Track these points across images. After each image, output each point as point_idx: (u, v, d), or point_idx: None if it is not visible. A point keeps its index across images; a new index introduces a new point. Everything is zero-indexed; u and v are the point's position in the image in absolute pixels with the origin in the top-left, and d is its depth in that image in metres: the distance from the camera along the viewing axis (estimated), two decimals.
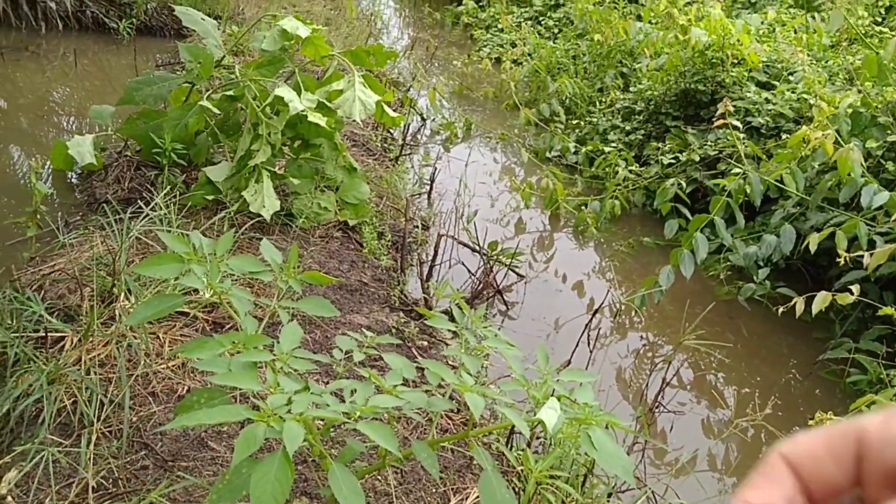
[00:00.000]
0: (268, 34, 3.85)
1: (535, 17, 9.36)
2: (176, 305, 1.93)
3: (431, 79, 7.75)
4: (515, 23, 9.04)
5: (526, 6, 9.68)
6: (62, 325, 2.74)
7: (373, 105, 3.87)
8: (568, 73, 7.20)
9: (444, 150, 6.27)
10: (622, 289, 4.55)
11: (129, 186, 3.96)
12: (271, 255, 2.05)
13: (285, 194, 3.93)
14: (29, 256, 3.40)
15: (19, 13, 7.26)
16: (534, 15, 9.40)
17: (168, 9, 7.57)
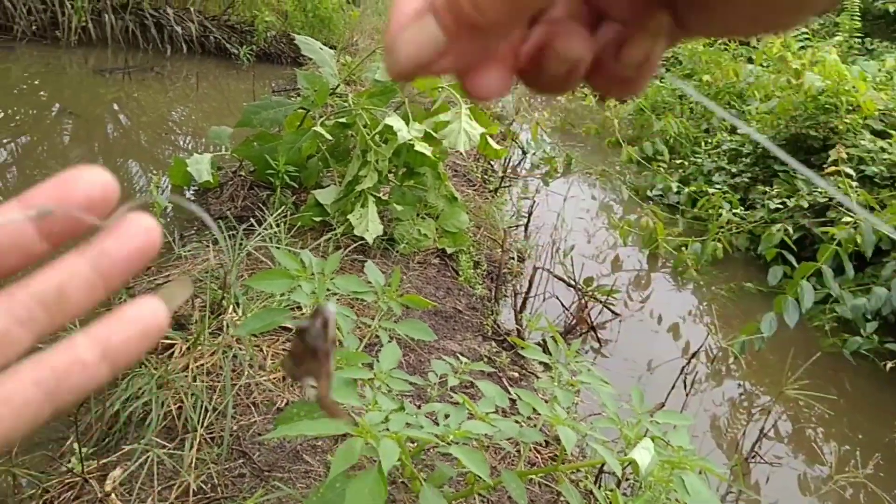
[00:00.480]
0: (381, 65, 3.98)
1: None
2: (282, 320, 2.01)
3: (534, 113, 7.81)
4: None
5: None
6: (173, 332, 2.88)
7: (477, 137, 3.94)
8: (673, 112, 7.13)
9: (544, 184, 6.30)
10: (720, 334, 4.45)
11: (243, 204, 4.15)
12: (375, 276, 2.12)
13: (388, 219, 4.03)
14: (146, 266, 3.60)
15: (147, 36, 7.74)
16: None
17: (286, 37, 7.92)
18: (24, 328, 0.35)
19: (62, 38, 7.38)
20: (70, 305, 0.36)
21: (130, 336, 0.36)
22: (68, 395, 0.35)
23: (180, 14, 7.85)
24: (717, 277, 5.05)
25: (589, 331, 4.10)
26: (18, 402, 0.34)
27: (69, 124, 5.87)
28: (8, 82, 6.58)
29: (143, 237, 0.37)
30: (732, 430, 3.65)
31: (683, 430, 1.86)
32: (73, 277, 0.36)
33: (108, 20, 7.55)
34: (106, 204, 0.37)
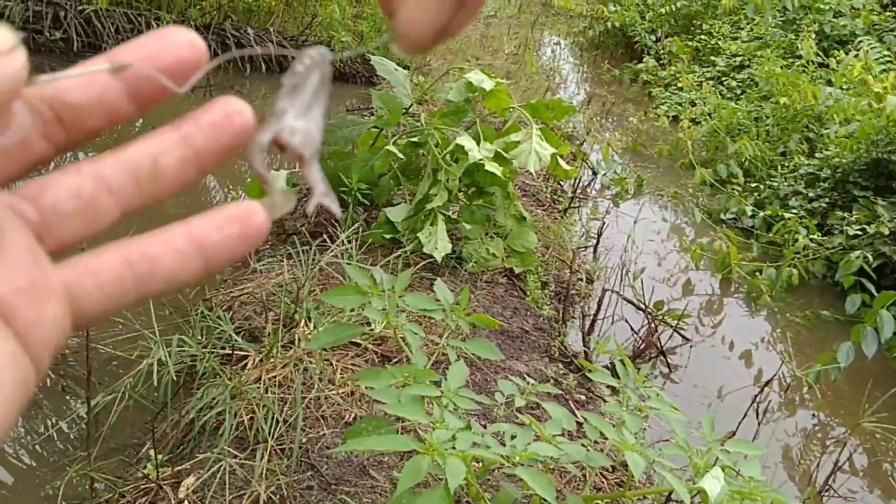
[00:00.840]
0: (453, 86, 4.03)
1: (718, 77, 9.19)
2: (354, 335, 2.05)
3: (605, 134, 7.77)
4: (696, 82, 8.91)
5: (708, 66, 9.53)
6: (247, 344, 2.96)
7: (548, 157, 3.95)
8: (749, 134, 7.00)
9: (614, 205, 6.25)
10: (794, 362, 4.33)
11: (316, 221, 4.23)
12: (444, 294, 2.14)
13: (457, 238, 4.06)
14: (222, 279, 3.70)
15: None
16: (716, 75, 9.23)
17: (361, 58, 8.07)
18: (111, 198, 0.34)
19: None
20: (162, 180, 0.34)
21: (229, 234, 0.35)
22: (160, 282, 0.34)
23: (260, 34, 8.08)
24: (791, 304, 4.92)
25: (658, 355, 4.04)
26: (106, 278, 0.33)
27: None
28: None
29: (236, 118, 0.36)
30: (805, 462, 3.55)
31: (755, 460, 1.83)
32: (167, 151, 0.34)
33: None
34: (195, 66, 0.35)
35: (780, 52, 8.69)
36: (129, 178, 0.34)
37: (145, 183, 0.34)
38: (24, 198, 0.32)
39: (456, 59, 8.54)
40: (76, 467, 2.49)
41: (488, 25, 12.10)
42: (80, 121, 0.33)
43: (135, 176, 0.34)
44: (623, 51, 11.89)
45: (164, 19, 7.70)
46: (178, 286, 0.35)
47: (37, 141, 0.32)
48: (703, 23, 10.66)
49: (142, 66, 0.33)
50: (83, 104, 0.33)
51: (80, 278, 0.32)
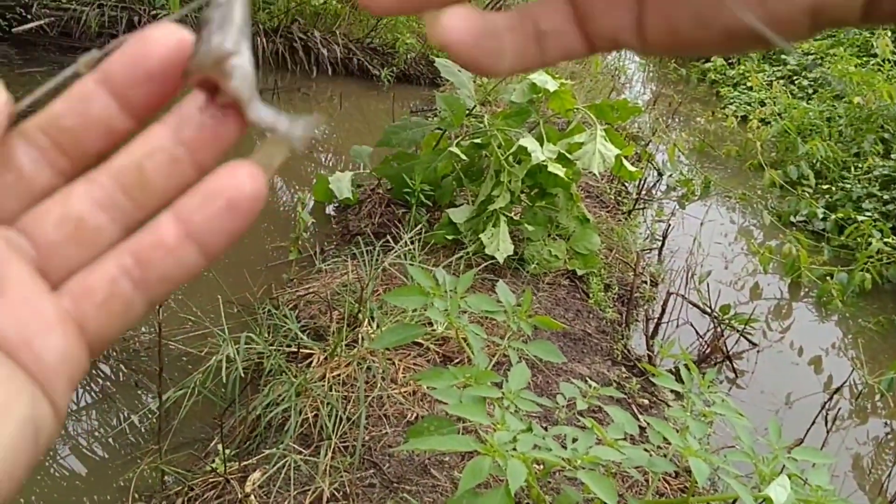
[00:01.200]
0: (517, 87, 4.03)
1: (789, 76, 8.97)
2: (417, 335, 2.07)
3: (672, 134, 7.65)
4: (766, 81, 8.71)
5: (779, 65, 9.31)
6: (312, 342, 3.02)
7: (612, 158, 3.91)
8: (821, 135, 6.81)
9: (679, 207, 6.15)
10: (866, 369, 4.20)
11: (380, 221, 4.28)
12: (506, 296, 2.15)
13: (519, 240, 4.06)
14: (288, 278, 3.78)
15: (295, 58, 8.12)
16: (787, 74, 9.01)
17: (426, 59, 8.12)
18: (105, 216, 0.31)
19: None
20: (151, 185, 0.31)
21: (214, 212, 0.31)
22: (159, 284, 0.32)
23: (327, 37, 8.20)
24: (864, 310, 4.77)
25: (724, 360, 3.97)
26: (103, 296, 0.31)
27: None
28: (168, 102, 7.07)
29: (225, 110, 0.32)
30: (877, 472, 3.44)
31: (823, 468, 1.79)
32: (154, 153, 0.32)
33: (259, 43, 7.99)
34: (180, 66, 0.32)
35: (854, 50, 8.43)
36: (119, 190, 0.31)
37: (136, 192, 0.31)
38: (20, 231, 0.31)
39: None
40: (147, 460, 2.58)
41: None
42: (79, 144, 0.31)
43: (123, 186, 0.31)
44: None
45: None
46: (182, 281, 0.32)
47: (38, 172, 0.31)
48: None
49: (121, 59, 0.31)
50: (77, 126, 0.31)
51: (79, 303, 0.30)
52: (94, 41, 7.63)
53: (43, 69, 7.10)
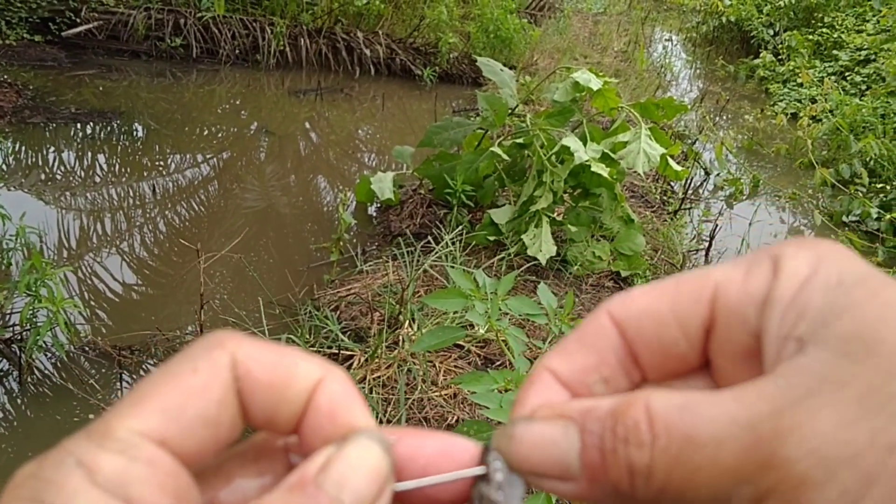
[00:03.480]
0: (560, 86, 3.97)
1: (840, 72, 8.75)
2: (457, 338, 2.04)
3: (719, 132, 7.50)
4: (817, 77, 8.51)
5: (830, 61, 9.09)
6: (352, 344, 3.00)
7: (657, 157, 3.84)
8: (874, 132, 6.62)
9: (727, 207, 6.03)
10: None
11: (421, 222, 4.26)
12: (547, 299, 2.10)
13: (562, 240, 4.01)
14: (329, 279, 3.77)
15: (338, 59, 8.17)
16: (838, 70, 8.79)
17: (468, 58, 8.10)
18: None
19: (262, 62, 7.94)
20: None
21: None
22: None
23: (369, 38, 8.22)
24: None
25: None
26: None
27: (265, 142, 6.29)
28: (213, 102, 7.16)
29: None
30: None
31: None
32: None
33: (303, 44, 8.05)
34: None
35: None
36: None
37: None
38: None
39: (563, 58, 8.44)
40: None
41: (597, 23, 11.92)
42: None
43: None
44: (738, 46, 11.48)
45: (277, 24, 7.94)
46: None
47: None
48: (825, 15, 10.17)
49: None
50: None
51: None
52: (142, 44, 7.75)
53: (92, 72, 7.24)
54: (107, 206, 4.75)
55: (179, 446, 0.29)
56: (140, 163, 5.67)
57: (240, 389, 0.30)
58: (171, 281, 3.97)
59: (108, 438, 0.28)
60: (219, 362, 0.30)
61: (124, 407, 0.29)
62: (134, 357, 3.16)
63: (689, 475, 0.28)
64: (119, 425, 0.28)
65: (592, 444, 0.29)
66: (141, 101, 6.77)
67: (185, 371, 0.29)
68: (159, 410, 0.28)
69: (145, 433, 0.28)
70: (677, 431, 0.28)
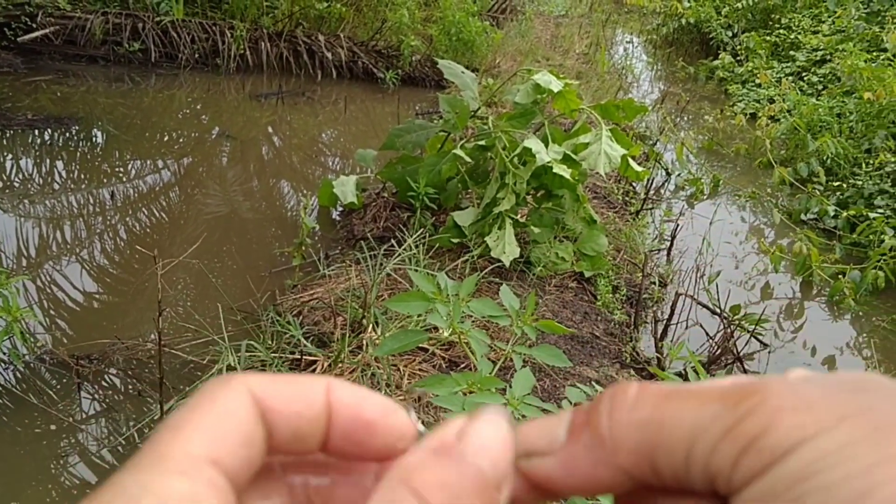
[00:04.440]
0: (522, 88, 3.99)
1: (798, 72, 8.90)
2: (420, 341, 2.03)
3: (680, 133, 7.59)
4: (775, 78, 8.64)
5: (788, 61, 9.24)
6: (316, 349, 2.98)
7: (618, 159, 3.87)
8: (831, 131, 6.74)
9: (688, 207, 6.10)
10: (881, 369, 4.13)
11: (384, 225, 4.25)
12: (509, 300, 2.10)
13: (525, 242, 4.02)
14: (292, 284, 3.75)
15: (300, 62, 8.11)
16: (796, 70, 8.94)
17: (430, 61, 8.10)
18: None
19: (222, 66, 7.87)
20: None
21: None
22: None
23: (331, 41, 8.19)
24: (877, 308, 4.70)
25: (735, 362, 3.91)
26: None
27: (227, 146, 6.23)
28: (173, 107, 7.07)
29: None
30: None
31: None
32: None
33: (263, 48, 7.98)
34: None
35: (863, 45, 8.35)
36: None
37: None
38: None
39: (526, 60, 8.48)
40: None
41: (559, 25, 12.00)
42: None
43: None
44: (698, 47, 11.63)
45: (237, 28, 7.88)
46: None
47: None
48: (782, 16, 10.34)
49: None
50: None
51: None
52: (99, 49, 7.64)
53: (48, 77, 7.11)
54: (66, 214, 4.67)
55: (226, 467, 0.30)
56: (100, 169, 5.58)
57: (264, 410, 0.31)
58: (132, 288, 3.91)
59: (167, 461, 0.28)
60: (239, 389, 0.31)
61: (167, 433, 0.30)
62: (92, 366, 3.11)
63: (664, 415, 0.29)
64: (173, 449, 0.29)
65: (580, 411, 0.31)
66: (99, 107, 6.67)
67: (210, 400, 0.31)
68: (203, 433, 0.30)
69: (198, 455, 0.29)
70: (658, 391, 0.30)
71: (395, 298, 2.02)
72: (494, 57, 8.43)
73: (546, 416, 0.33)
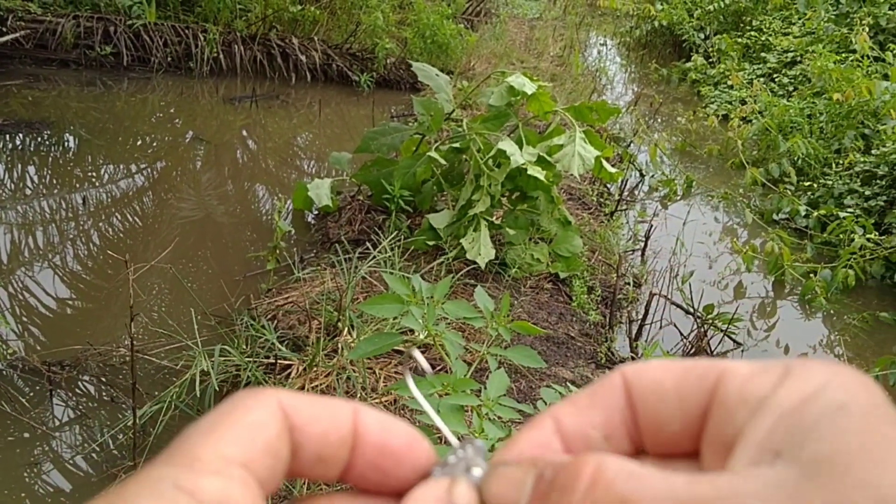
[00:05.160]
0: (496, 90, 4.00)
1: (769, 74, 9.00)
2: (394, 344, 2.03)
3: (653, 134, 7.65)
4: (747, 80, 8.74)
5: (759, 63, 9.35)
6: (291, 353, 2.97)
7: (592, 160, 3.89)
8: (802, 132, 6.83)
9: (662, 207, 6.15)
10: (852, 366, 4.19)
11: (359, 228, 4.25)
12: (484, 302, 2.11)
13: (500, 244, 4.04)
14: (266, 288, 3.73)
15: (273, 65, 8.08)
16: (767, 72, 9.04)
17: (405, 64, 8.10)
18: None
19: (195, 69, 7.81)
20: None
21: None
22: None
23: (305, 44, 8.16)
24: (848, 306, 4.77)
25: None
26: None
27: (201, 150, 6.19)
28: (145, 111, 7.02)
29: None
30: None
31: None
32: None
33: (237, 51, 7.94)
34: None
35: (833, 46, 8.47)
36: None
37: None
38: None
39: (500, 62, 8.51)
40: (122, 478, 2.53)
41: (533, 28, 12.05)
42: None
43: None
44: (671, 50, 11.72)
45: (210, 31, 7.83)
46: None
47: None
48: (753, 19, 10.46)
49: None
50: None
51: None
52: (71, 52, 7.56)
53: (19, 82, 7.03)
54: (38, 220, 4.62)
55: (256, 472, 0.30)
56: (72, 174, 5.52)
57: (291, 426, 0.31)
58: (105, 294, 3.87)
59: (199, 461, 0.28)
60: (269, 401, 0.31)
61: (198, 436, 0.30)
62: (65, 373, 3.08)
63: None
64: (205, 450, 0.29)
65: (539, 488, 0.30)
66: (71, 111, 6.60)
67: (241, 408, 0.31)
68: (235, 437, 0.30)
69: (230, 458, 0.29)
70: (616, 493, 0.28)
71: (370, 301, 2.02)
72: (469, 59, 8.45)
73: (511, 465, 0.32)
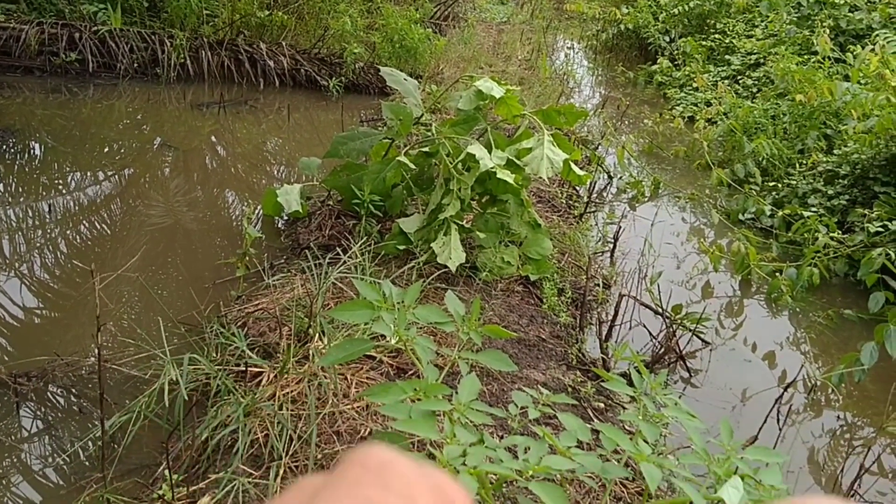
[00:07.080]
0: (464, 94, 4.02)
1: (733, 76, 9.12)
2: (365, 349, 2.03)
3: (621, 137, 7.72)
4: (711, 82, 8.85)
5: (723, 65, 9.47)
6: (261, 361, 2.96)
7: (560, 163, 3.92)
8: (766, 133, 6.93)
9: (630, 209, 6.20)
10: (818, 363, 4.26)
11: (330, 234, 4.24)
12: (455, 306, 2.12)
13: (471, 247, 4.05)
14: (236, 295, 3.71)
15: (241, 71, 8.03)
16: (731, 74, 9.16)
17: (374, 69, 8.09)
18: None
19: (162, 75, 7.74)
20: None
21: None
22: None
23: (273, 49, 8.12)
24: (813, 304, 4.85)
25: (678, 360, 3.99)
26: None
27: (169, 156, 6.13)
28: (112, 117, 6.94)
29: None
30: (832, 465, 3.49)
31: (776, 467, 1.79)
32: None
33: (204, 56, 7.88)
34: None
35: (795, 48, 8.60)
36: None
37: None
38: None
39: (469, 66, 8.53)
40: (91, 489, 2.50)
41: (501, 32, 12.10)
42: None
43: None
44: (637, 53, 11.84)
45: (177, 37, 7.76)
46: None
47: None
48: (717, 22, 10.60)
49: None
50: None
51: None
52: (35, 59, 7.46)
53: None
54: (3, 228, 4.55)
55: None
56: (38, 181, 5.44)
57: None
58: (73, 303, 3.83)
59: None
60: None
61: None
62: (32, 384, 3.03)
63: None
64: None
65: None
66: (36, 118, 6.51)
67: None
68: None
69: None
70: None
71: (340, 307, 2.02)
72: (437, 64, 8.46)
73: None
